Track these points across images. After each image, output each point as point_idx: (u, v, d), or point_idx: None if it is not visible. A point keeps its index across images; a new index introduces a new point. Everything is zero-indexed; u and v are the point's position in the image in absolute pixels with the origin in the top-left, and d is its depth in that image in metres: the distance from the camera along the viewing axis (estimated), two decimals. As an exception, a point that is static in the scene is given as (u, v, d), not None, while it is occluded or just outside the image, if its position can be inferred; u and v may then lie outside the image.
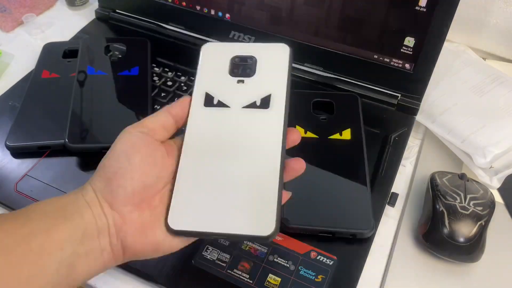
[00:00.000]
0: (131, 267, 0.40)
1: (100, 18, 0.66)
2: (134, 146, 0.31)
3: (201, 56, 0.37)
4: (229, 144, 0.33)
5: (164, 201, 0.32)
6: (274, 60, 0.36)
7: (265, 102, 0.34)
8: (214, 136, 0.33)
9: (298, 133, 0.34)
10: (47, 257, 0.28)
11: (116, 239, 0.30)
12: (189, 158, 0.33)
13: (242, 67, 0.36)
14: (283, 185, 0.31)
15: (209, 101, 0.34)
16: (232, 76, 0.35)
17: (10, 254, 0.27)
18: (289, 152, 0.33)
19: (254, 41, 0.57)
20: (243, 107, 0.34)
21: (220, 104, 0.34)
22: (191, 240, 0.33)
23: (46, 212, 0.30)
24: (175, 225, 0.30)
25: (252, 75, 0.35)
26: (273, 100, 0.34)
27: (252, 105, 0.34)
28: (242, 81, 0.35)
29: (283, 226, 0.41)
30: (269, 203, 0.30)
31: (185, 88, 0.56)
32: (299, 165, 0.33)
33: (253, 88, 0.35)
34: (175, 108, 0.34)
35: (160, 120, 0.34)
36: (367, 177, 0.44)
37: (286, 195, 0.33)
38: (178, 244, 0.32)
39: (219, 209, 0.31)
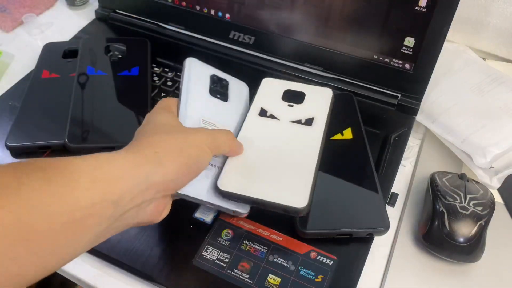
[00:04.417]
0: (131, 267, 0.40)
1: (100, 18, 0.66)
2: None
3: (261, 86, 0.49)
4: (277, 141, 0.42)
5: None
6: (318, 97, 0.47)
7: (308, 121, 0.44)
8: (265, 134, 0.43)
9: None
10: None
11: None
12: (242, 142, 0.41)
13: (293, 97, 0.47)
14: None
15: (263, 113, 0.45)
16: (284, 101, 0.47)
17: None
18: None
19: (254, 41, 0.57)
20: (291, 122, 0.44)
21: (272, 116, 0.45)
22: None
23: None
24: (223, 187, 0.38)
25: (300, 103, 0.46)
26: (315, 122, 0.44)
27: (298, 122, 0.44)
28: (292, 105, 0.46)
29: (301, 233, 0.40)
30: (305, 183, 0.38)
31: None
32: None
33: (300, 111, 0.45)
34: None
35: None
36: (374, 174, 0.44)
37: None
38: None
39: (262, 181, 0.39)
